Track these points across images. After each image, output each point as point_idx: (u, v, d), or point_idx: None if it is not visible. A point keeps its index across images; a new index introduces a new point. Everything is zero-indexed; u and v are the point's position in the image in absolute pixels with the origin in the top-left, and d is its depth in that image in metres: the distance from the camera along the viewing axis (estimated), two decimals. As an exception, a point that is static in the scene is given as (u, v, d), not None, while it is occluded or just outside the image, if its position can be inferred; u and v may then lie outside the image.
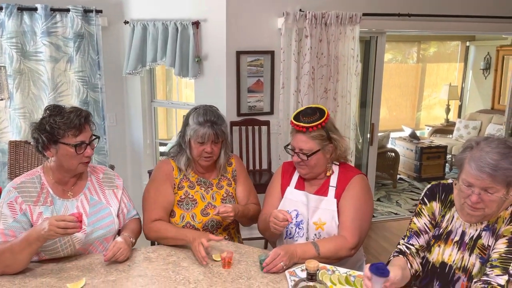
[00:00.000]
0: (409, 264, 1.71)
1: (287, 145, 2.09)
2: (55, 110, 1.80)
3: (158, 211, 2.07)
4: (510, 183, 1.51)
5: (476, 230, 1.66)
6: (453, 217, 1.72)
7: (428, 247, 1.76)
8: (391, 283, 1.50)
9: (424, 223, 1.77)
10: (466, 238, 1.67)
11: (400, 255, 1.74)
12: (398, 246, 1.79)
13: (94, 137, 1.86)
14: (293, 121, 1.95)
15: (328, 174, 2.02)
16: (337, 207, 1.97)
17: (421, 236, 1.76)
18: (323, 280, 1.65)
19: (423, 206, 1.79)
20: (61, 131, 1.75)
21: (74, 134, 1.77)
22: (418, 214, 1.80)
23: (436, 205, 1.77)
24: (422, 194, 1.82)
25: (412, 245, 1.76)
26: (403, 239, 1.80)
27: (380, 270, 1.42)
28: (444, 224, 1.74)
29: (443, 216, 1.75)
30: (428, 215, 1.77)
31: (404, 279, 1.62)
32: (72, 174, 1.88)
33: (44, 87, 3.63)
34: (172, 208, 2.12)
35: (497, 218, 1.64)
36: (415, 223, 1.79)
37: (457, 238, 1.69)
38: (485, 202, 1.55)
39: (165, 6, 3.72)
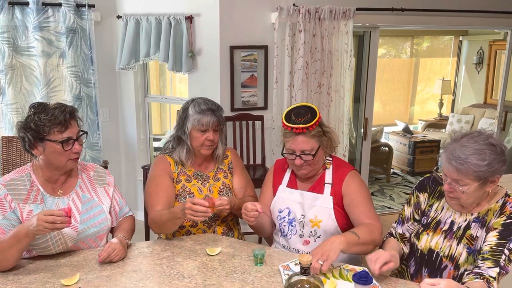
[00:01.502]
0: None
1: (283, 149, 2.02)
2: (39, 108, 1.77)
3: (160, 204, 2.06)
4: (481, 178, 1.57)
5: (466, 220, 1.70)
6: (443, 207, 1.78)
7: (417, 235, 1.82)
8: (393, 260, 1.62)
9: (410, 213, 1.90)
10: (455, 227, 1.72)
11: (391, 237, 1.91)
12: (391, 229, 1.95)
13: (81, 132, 1.84)
14: (288, 124, 1.91)
15: (328, 166, 2.04)
16: (334, 203, 1.98)
17: (405, 224, 1.90)
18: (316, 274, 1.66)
19: (412, 197, 1.90)
20: (46, 128, 1.73)
21: (60, 130, 1.75)
22: (407, 203, 1.92)
23: (423, 196, 1.85)
24: (415, 185, 1.94)
25: (396, 231, 1.91)
26: (394, 223, 1.95)
27: (363, 278, 1.48)
28: (432, 214, 1.81)
29: (431, 206, 1.82)
30: (414, 205, 1.88)
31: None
32: (62, 172, 1.86)
33: (37, 83, 3.60)
34: (174, 200, 2.13)
35: (487, 210, 1.67)
36: (404, 211, 1.92)
37: (445, 228, 1.75)
38: (457, 192, 1.63)
39: (158, 0, 3.69)
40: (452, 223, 1.73)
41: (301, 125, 1.88)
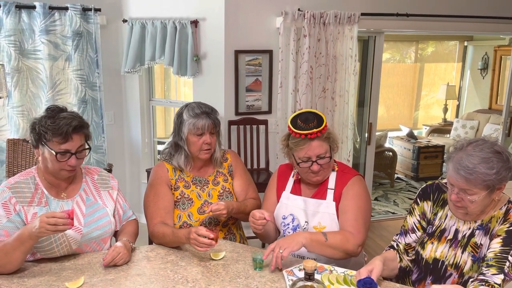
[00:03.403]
0: (398, 258, 1.83)
1: (295, 161, 1.98)
2: (52, 112, 1.79)
3: (159, 214, 2.06)
4: (489, 186, 1.56)
5: (470, 228, 1.70)
6: (447, 215, 1.77)
7: (421, 244, 1.80)
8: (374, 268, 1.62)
9: (414, 222, 1.85)
10: (459, 236, 1.71)
11: (391, 249, 1.86)
12: (391, 242, 1.90)
13: (84, 147, 1.83)
14: (301, 131, 1.88)
15: (336, 169, 2.04)
16: (337, 209, 1.97)
17: (408, 235, 1.85)
18: (321, 280, 1.66)
19: (415, 206, 1.87)
20: (48, 136, 1.74)
21: (59, 141, 1.75)
22: (410, 213, 1.88)
23: (427, 205, 1.83)
24: (417, 193, 1.90)
25: (400, 243, 1.86)
26: (396, 235, 1.90)
27: (367, 285, 1.48)
28: (437, 222, 1.79)
29: (435, 214, 1.81)
30: (419, 215, 1.85)
31: (390, 269, 1.78)
32: (58, 178, 1.86)
33: (43, 85, 3.63)
34: (173, 207, 2.13)
35: (490, 217, 1.66)
36: (407, 221, 1.88)
37: (450, 236, 1.74)
38: (465, 201, 1.61)
39: (163, 4, 3.72)
40: (457, 231, 1.72)
41: (315, 130, 1.88)
